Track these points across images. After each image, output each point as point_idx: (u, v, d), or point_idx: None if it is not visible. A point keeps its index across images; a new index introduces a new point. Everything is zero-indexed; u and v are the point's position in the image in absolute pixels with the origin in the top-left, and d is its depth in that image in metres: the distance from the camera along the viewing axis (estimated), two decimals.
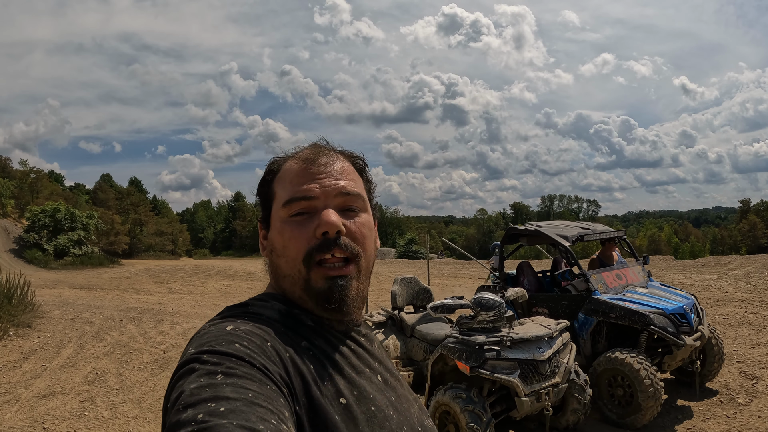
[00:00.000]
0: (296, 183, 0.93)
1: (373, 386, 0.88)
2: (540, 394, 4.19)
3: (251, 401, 0.65)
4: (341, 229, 0.89)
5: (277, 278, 0.95)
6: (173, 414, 0.65)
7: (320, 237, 0.89)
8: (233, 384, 0.67)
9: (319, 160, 0.95)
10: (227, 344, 0.74)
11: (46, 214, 43.00)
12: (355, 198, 0.95)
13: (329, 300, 0.88)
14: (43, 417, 5.80)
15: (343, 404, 0.80)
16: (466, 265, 27.99)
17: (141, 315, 12.18)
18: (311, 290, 0.89)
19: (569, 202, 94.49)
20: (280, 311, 0.90)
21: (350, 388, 0.84)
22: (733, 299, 11.11)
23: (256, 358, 0.73)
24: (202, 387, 0.66)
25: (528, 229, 6.56)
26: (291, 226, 0.91)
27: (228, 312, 0.89)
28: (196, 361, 0.72)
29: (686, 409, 5.44)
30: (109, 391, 6.60)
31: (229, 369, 0.70)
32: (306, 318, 0.91)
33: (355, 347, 0.94)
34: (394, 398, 0.90)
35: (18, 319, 10.43)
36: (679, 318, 5.27)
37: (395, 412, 0.87)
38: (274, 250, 0.94)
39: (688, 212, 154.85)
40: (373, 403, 0.84)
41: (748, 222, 55.96)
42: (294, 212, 0.92)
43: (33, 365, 7.91)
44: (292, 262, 0.90)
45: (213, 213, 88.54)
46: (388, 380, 0.94)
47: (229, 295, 17.58)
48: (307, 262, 0.89)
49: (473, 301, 4.44)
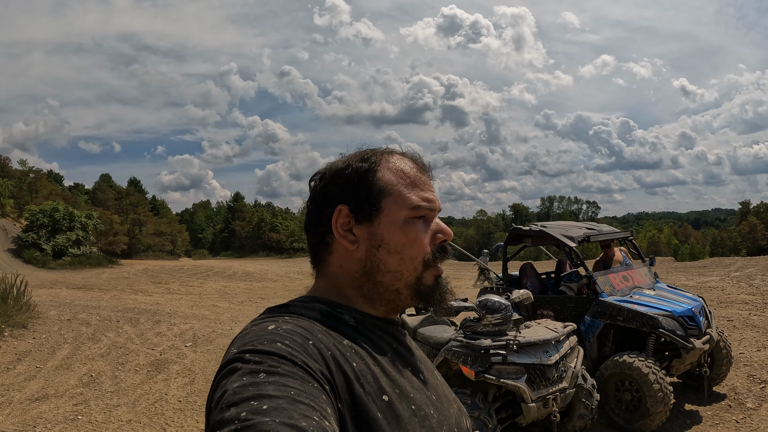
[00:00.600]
0: (420, 188, 0.97)
1: (414, 385, 0.89)
2: (547, 399, 4.05)
3: (294, 399, 0.66)
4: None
5: (373, 272, 0.94)
6: (217, 413, 0.66)
7: (437, 244, 0.96)
8: (275, 382, 0.68)
9: (425, 170, 1.02)
10: (269, 343, 0.76)
11: (45, 214, 42.89)
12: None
13: (438, 294, 0.95)
14: (35, 420, 5.67)
15: (386, 401, 0.80)
16: (466, 266, 27.87)
17: (138, 316, 12.05)
18: (422, 286, 0.94)
19: (569, 204, 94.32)
20: (322, 311, 0.91)
21: (392, 385, 0.84)
22: (737, 301, 11.02)
23: (297, 356, 0.74)
24: (244, 386, 0.67)
25: (533, 229, 6.43)
26: (416, 228, 0.94)
27: (269, 312, 0.90)
28: (238, 360, 0.73)
29: (694, 414, 5.32)
30: (103, 394, 6.47)
31: (271, 367, 0.71)
32: (348, 317, 0.92)
33: (396, 346, 0.95)
34: (434, 397, 0.91)
35: (13, 319, 10.32)
36: (688, 321, 5.14)
37: (436, 411, 0.88)
38: (385, 245, 0.93)
39: (687, 214, 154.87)
40: (414, 402, 0.85)
41: (748, 224, 55.89)
42: (418, 215, 0.95)
43: (27, 367, 7.78)
44: (410, 261, 0.93)
45: (212, 213, 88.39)
46: (428, 380, 0.95)
47: (227, 296, 17.45)
48: (426, 263, 0.94)
49: (478, 303, 4.30)
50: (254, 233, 71.69)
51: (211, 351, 8.53)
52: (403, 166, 0.98)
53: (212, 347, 8.79)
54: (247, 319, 11.72)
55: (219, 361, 6.38)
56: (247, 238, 72.78)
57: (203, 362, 7.84)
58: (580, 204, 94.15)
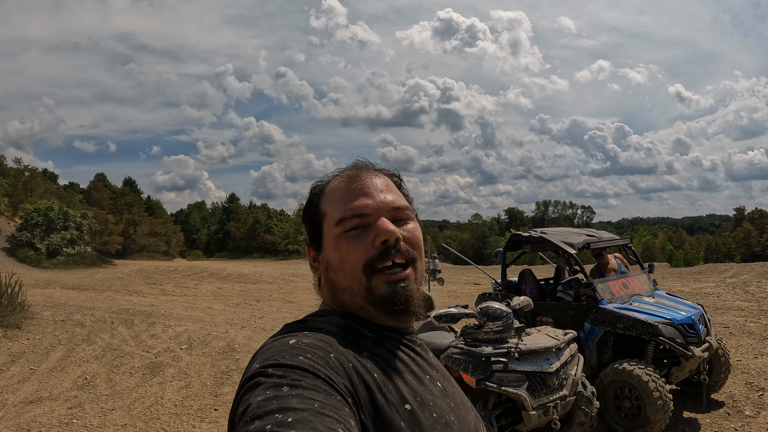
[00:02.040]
0: (347, 200, 0.95)
1: (434, 393, 0.90)
2: (547, 407, 4.03)
3: (318, 411, 0.67)
4: (399, 235, 0.92)
5: (334, 293, 0.96)
6: (241, 426, 0.67)
7: (379, 246, 0.91)
8: (299, 395, 0.69)
9: (364, 177, 0.98)
10: (291, 357, 0.76)
11: (40, 213, 42.79)
12: (404, 210, 0.98)
13: (395, 302, 0.90)
14: (29, 424, 5.62)
15: (408, 410, 0.81)
16: (461, 270, 27.89)
17: (133, 317, 11.99)
18: (374, 297, 0.91)
19: (564, 208, 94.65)
20: (339, 324, 0.92)
21: (413, 394, 0.85)
22: (733, 308, 11.04)
23: (320, 369, 0.75)
24: (268, 399, 0.68)
25: (532, 235, 6.42)
26: (347, 240, 0.93)
27: (288, 328, 0.92)
28: (261, 375, 0.74)
29: (693, 422, 5.31)
30: (98, 397, 6.42)
31: (294, 381, 0.71)
32: (365, 329, 0.92)
33: (413, 355, 0.95)
34: (453, 405, 0.92)
35: (7, 320, 10.26)
36: (688, 329, 5.13)
37: (456, 418, 0.89)
38: (330, 266, 0.96)
39: (682, 219, 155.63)
40: (435, 410, 0.85)
41: (743, 230, 56.24)
42: (348, 228, 0.93)
43: (21, 368, 7.73)
44: (351, 274, 0.92)
45: (207, 214, 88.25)
46: (446, 388, 0.96)
47: (222, 297, 17.37)
48: (367, 272, 0.90)
49: (480, 310, 4.28)
50: (249, 235, 71.69)
51: (206, 354, 8.47)
52: (336, 185, 0.99)
53: (207, 350, 8.73)
54: (242, 322, 11.72)
55: (214, 364, 6.32)
56: (242, 240, 72.78)
57: (199, 365, 7.78)
58: (575, 209, 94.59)
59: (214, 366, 7.74)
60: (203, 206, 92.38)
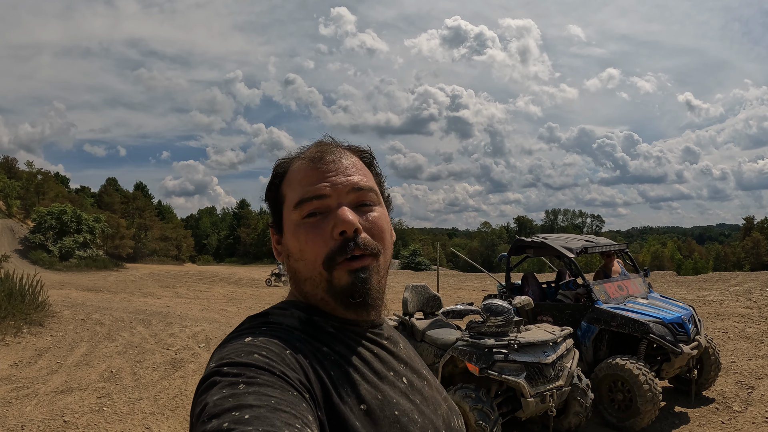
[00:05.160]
0: (306, 183, 0.91)
1: (397, 390, 0.86)
2: (545, 395, 4.42)
3: (274, 407, 0.66)
4: (358, 227, 0.87)
5: (297, 282, 0.93)
6: (199, 426, 0.66)
7: (338, 237, 0.86)
8: (255, 392, 0.68)
9: (327, 157, 0.93)
10: (246, 355, 0.75)
11: (53, 216, 43.37)
12: (368, 192, 0.92)
13: (353, 294, 0.87)
14: (62, 411, 5.99)
15: (364, 410, 0.79)
16: (469, 277, 28.18)
17: (150, 317, 12.41)
18: (334, 289, 0.87)
19: (573, 217, 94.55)
20: (300, 318, 0.89)
21: (372, 393, 0.82)
22: (733, 314, 11.28)
23: (275, 366, 0.74)
24: (224, 397, 0.67)
25: (534, 241, 6.81)
26: (306, 229, 0.89)
27: (249, 323, 0.90)
28: (216, 374, 0.73)
29: (683, 415, 5.65)
30: (125, 389, 6.81)
31: (249, 378, 0.70)
32: (326, 324, 0.90)
33: (378, 351, 0.92)
34: (419, 401, 0.88)
35: (31, 317, 10.67)
36: (677, 327, 5.50)
37: (420, 416, 0.85)
38: (291, 254, 0.92)
39: (692, 228, 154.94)
40: (396, 408, 0.82)
41: (752, 239, 55.88)
42: (306, 213, 0.89)
43: (48, 362, 8.12)
44: (311, 265, 0.88)
45: (217, 220, 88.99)
46: (414, 383, 0.92)
47: (235, 300, 17.79)
48: (327, 265, 0.86)
49: (483, 307, 4.70)
50: (259, 240, 71.94)
51: None
52: (297, 166, 0.95)
53: None
54: None
55: None
56: (252, 245, 73.01)
57: None
58: (584, 217, 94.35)
59: None
60: (213, 211, 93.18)
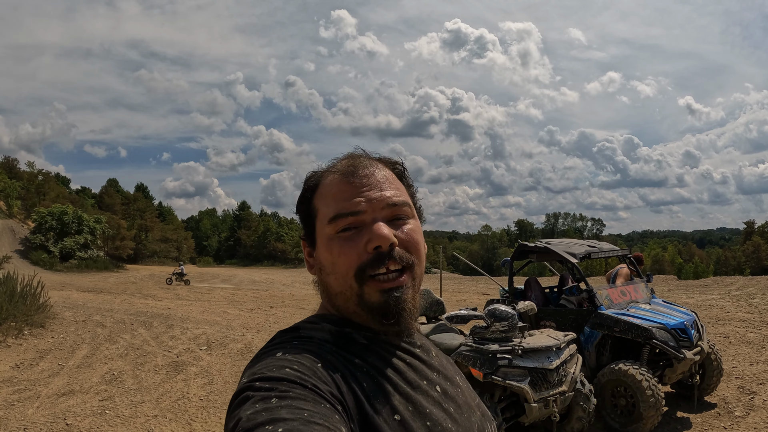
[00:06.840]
0: (340, 198, 0.90)
1: (430, 399, 0.86)
2: (548, 401, 4.42)
3: (308, 420, 0.67)
4: (394, 241, 0.87)
5: (328, 296, 0.94)
6: None
7: (372, 252, 0.86)
8: (288, 406, 0.69)
9: (360, 171, 0.92)
10: (278, 370, 0.76)
11: (54, 217, 43.38)
12: (402, 207, 0.92)
13: (386, 315, 0.87)
14: (65, 414, 6.00)
15: (398, 420, 0.79)
16: (470, 281, 28.18)
17: (151, 320, 12.44)
18: (366, 305, 0.87)
19: (573, 221, 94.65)
20: (331, 331, 0.90)
21: (405, 403, 0.82)
22: (735, 319, 11.29)
23: (307, 379, 0.74)
24: (257, 412, 0.68)
25: (538, 246, 6.82)
26: (339, 242, 0.89)
27: (280, 338, 0.90)
28: (249, 389, 0.74)
29: (685, 421, 5.65)
30: (127, 391, 6.81)
31: (282, 392, 0.71)
32: (358, 336, 0.90)
33: (410, 360, 0.92)
34: (453, 409, 0.88)
35: (32, 318, 10.68)
36: (680, 333, 5.50)
37: (454, 424, 0.85)
38: (323, 267, 0.92)
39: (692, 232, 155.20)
40: (429, 418, 0.82)
41: (753, 243, 55.85)
42: (341, 228, 0.89)
43: (50, 364, 8.13)
44: (342, 279, 0.88)
45: (218, 221, 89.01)
46: (447, 391, 0.92)
47: (236, 303, 17.78)
48: (359, 278, 0.86)
49: (487, 312, 4.70)
50: (260, 242, 71.99)
51: (225, 354, 8.88)
52: (330, 180, 0.94)
53: (226, 351, 9.14)
54: (257, 326, 12.11)
55: (234, 364, 6.76)
56: (253, 247, 73.03)
57: (219, 365, 8.19)
58: (585, 221, 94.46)
59: (234, 366, 8.14)
60: (214, 213, 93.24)
